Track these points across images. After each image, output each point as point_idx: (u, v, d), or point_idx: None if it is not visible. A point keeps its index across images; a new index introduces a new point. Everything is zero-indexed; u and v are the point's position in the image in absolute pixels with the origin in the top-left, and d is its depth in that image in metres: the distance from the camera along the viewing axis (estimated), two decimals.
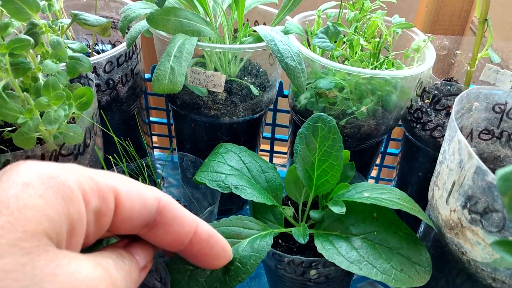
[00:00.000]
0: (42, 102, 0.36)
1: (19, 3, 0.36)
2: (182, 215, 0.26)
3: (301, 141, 0.41)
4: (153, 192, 0.25)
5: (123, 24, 0.48)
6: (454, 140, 0.36)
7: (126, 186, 0.24)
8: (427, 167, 0.51)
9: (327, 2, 0.55)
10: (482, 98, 0.43)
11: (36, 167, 0.21)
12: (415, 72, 0.44)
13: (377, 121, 0.49)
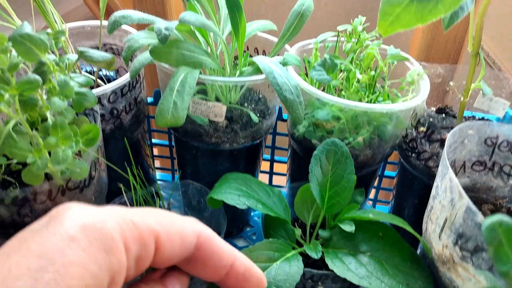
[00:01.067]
0: (50, 143, 0.37)
1: (29, 44, 0.38)
2: (221, 249, 0.26)
3: (316, 163, 0.45)
4: (192, 228, 0.26)
5: (126, 54, 0.50)
6: (446, 178, 0.37)
7: (166, 227, 0.24)
8: (423, 195, 0.52)
9: (324, 29, 0.57)
10: (474, 132, 0.44)
11: (81, 217, 0.22)
12: (409, 106, 0.45)
13: (373, 150, 0.50)
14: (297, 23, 0.54)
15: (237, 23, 0.48)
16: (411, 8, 0.31)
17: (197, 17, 0.46)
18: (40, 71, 0.40)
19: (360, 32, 0.51)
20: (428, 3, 0.31)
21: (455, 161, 0.45)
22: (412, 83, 0.49)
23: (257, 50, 0.61)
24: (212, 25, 0.48)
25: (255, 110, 0.54)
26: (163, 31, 0.43)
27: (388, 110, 0.45)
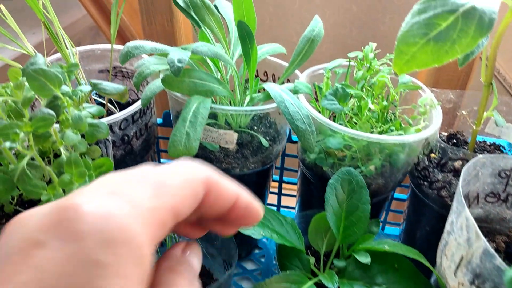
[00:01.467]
0: (65, 180, 0.37)
1: (43, 79, 0.38)
2: (227, 190, 0.25)
3: (331, 192, 0.45)
4: (201, 178, 0.24)
5: (137, 80, 0.50)
6: (462, 215, 0.37)
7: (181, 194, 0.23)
8: (435, 223, 0.52)
9: (328, 40, 0.57)
10: (488, 165, 0.44)
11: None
12: (422, 137, 0.45)
13: (385, 179, 0.50)
14: (307, 49, 0.54)
15: (249, 52, 0.48)
16: (428, 48, 0.30)
17: (209, 48, 0.46)
18: (53, 104, 0.40)
19: (371, 60, 0.51)
20: (444, 43, 0.30)
21: (468, 193, 0.45)
22: (424, 113, 0.48)
23: (267, 73, 0.61)
24: (223, 54, 0.47)
25: (265, 134, 0.54)
26: (176, 63, 0.43)
27: (401, 141, 0.45)
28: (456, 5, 0.30)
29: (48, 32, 0.49)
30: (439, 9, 0.30)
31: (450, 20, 0.29)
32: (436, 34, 0.29)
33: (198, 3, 0.51)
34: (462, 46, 0.30)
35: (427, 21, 0.30)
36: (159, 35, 0.69)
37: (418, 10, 0.31)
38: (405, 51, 0.31)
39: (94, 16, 0.90)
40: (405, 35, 0.31)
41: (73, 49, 0.55)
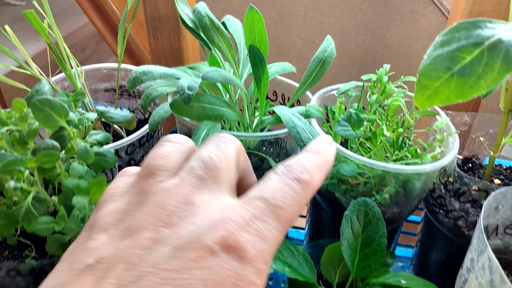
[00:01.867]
0: (74, 214, 0.35)
1: (48, 110, 0.36)
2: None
3: (347, 224, 0.44)
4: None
5: (145, 102, 0.48)
6: (484, 255, 0.36)
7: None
8: (450, 252, 0.50)
9: (338, 61, 0.55)
10: (509, 197, 0.42)
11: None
12: (439, 166, 0.44)
13: (400, 207, 0.48)
14: (318, 70, 0.53)
15: (260, 76, 0.47)
16: (451, 83, 0.28)
17: (220, 73, 0.44)
18: (59, 135, 0.39)
19: (386, 83, 0.49)
20: (469, 78, 0.28)
21: (488, 225, 0.44)
22: (442, 141, 0.47)
23: (276, 93, 0.60)
24: (234, 79, 0.46)
25: (275, 156, 0.53)
26: (186, 91, 0.41)
27: (419, 171, 0.43)
28: (481, 38, 0.28)
29: (54, 55, 0.48)
30: (463, 41, 0.28)
31: (475, 54, 0.28)
32: (460, 68, 0.28)
33: (208, 24, 0.49)
34: (488, 82, 0.28)
35: (450, 54, 0.28)
36: (166, 51, 0.68)
37: (441, 42, 0.30)
38: (428, 86, 0.29)
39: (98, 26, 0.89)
40: (428, 68, 0.29)
41: (78, 68, 0.54)
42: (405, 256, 0.68)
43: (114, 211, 0.25)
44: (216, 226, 0.22)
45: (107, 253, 0.22)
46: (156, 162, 0.27)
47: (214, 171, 0.25)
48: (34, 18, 0.45)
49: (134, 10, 0.51)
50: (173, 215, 0.23)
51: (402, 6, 1.37)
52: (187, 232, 0.22)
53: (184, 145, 0.29)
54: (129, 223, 0.24)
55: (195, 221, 0.22)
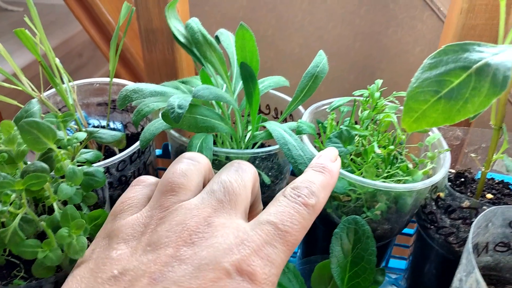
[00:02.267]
0: (63, 234, 0.35)
1: (36, 132, 0.36)
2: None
3: (336, 242, 0.44)
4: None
5: (136, 118, 0.48)
6: (472, 276, 0.36)
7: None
8: (442, 268, 0.50)
9: (331, 51, 0.54)
10: (499, 215, 0.42)
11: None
12: (431, 183, 0.44)
13: (392, 224, 0.48)
14: (310, 85, 0.52)
15: (251, 93, 0.47)
16: (438, 107, 0.28)
17: (211, 91, 0.44)
18: (47, 157, 0.39)
19: (377, 100, 0.49)
20: (456, 102, 0.28)
21: (478, 243, 0.44)
22: (433, 158, 0.47)
23: (269, 106, 0.60)
24: (225, 96, 0.46)
25: (267, 170, 0.53)
26: (176, 109, 0.41)
27: (410, 189, 0.43)
28: (469, 61, 0.28)
29: (45, 72, 0.48)
30: (451, 65, 0.29)
31: (462, 77, 0.28)
32: (447, 91, 0.28)
33: (200, 40, 0.49)
34: (475, 105, 0.28)
35: (438, 77, 0.29)
36: (160, 62, 0.68)
37: (429, 65, 0.30)
38: (415, 109, 0.29)
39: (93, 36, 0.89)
40: (415, 91, 0.29)
41: (70, 83, 0.54)
42: (399, 268, 0.68)
43: (135, 223, 0.27)
44: (232, 250, 0.24)
45: (131, 265, 0.24)
46: (177, 180, 0.28)
47: (233, 196, 0.27)
48: (25, 36, 0.45)
49: (126, 26, 0.52)
50: (193, 235, 0.24)
51: (399, 12, 1.37)
52: (206, 253, 0.23)
53: (201, 163, 0.31)
54: (151, 238, 0.25)
55: (214, 243, 0.24)
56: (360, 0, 1.37)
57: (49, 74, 0.49)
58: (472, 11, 0.55)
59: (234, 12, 1.42)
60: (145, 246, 0.25)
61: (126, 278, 0.23)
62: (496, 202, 0.49)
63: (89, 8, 0.86)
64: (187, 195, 0.28)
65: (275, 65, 1.48)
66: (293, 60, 1.50)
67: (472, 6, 0.54)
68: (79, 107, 0.53)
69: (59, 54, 1.52)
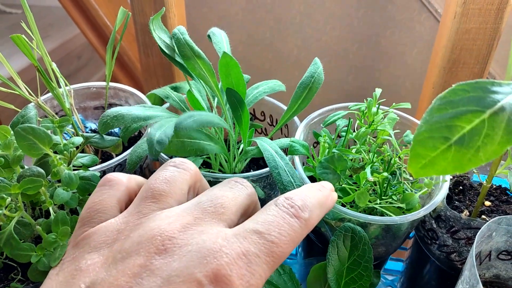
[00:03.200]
0: (49, 240, 0.35)
1: (32, 138, 0.37)
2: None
3: (333, 250, 0.43)
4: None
5: (124, 134, 0.47)
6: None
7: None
8: (439, 279, 0.50)
9: (330, 53, 0.53)
10: (504, 225, 0.42)
11: None
12: (429, 210, 0.42)
13: (387, 246, 0.48)
14: (305, 96, 0.50)
15: (240, 116, 0.45)
16: (448, 155, 0.26)
17: (195, 119, 0.40)
18: (43, 161, 0.39)
19: (375, 115, 0.48)
20: (467, 150, 0.26)
21: (480, 252, 0.43)
22: (429, 186, 0.45)
23: (264, 113, 0.59)
24: (212, 120, 0.43)
25: (261, 182, 0.50)
26: (154, 146, 0.38)
27: (406, 221, 0.42)
28: (482, 105, 0.25)
29: (41, 76, 0.48)
30: (463, 108, 0.26)
31: (474, 123, 0.25)
32: (458, 138, 0.25)
33: (188, 53, 0.46)
34: (487, 154, 0.25)
35: (448, 122, 0.26)
36: (156, 66, 0.68)
37: (438, 107, 0.27)
38: (423, 155, 0.26)
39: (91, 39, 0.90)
40: (423, 136, 0.26)
41: (67, 87, 0.54)
42: (395, 270, 0.68)
43: (108, 230, 0.25)
44: (208, 258, 0.22)
45: (99, 277, 0.22)
46: (159, 186, 0.27)
47: (219, 209, 0.26)
48: (21, 42, 0.46)
49: (123, 31, 0.52)
50: (167, 240, 0.23)
51: (397, 13, 1.37)
52: (178, 263, 0.22)
53: (187, 171, 0.29)
54: (123, 245, 0.24)
55: (188, 251, 0.22)
56: (358, 2, 1.38)
57: (46, 78, 0.49)
58: (466, 15, 0.56)
59: (232, 14, 1.42)
60: (116, 254, 0.23)
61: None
62: (495, 210, 0.48)
63: (86, 11, 0.87)
64: (169, 203, 0.26)
65: (273, 67, 1.49)
66: (291, 62, 1.50)
67: (466, 10, 0.55)
68: (75, 111, 0.53)
69: (58, 56, 1.52)
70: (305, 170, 0.47)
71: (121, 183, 0.29)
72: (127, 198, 0.30)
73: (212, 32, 0.53)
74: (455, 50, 0.59)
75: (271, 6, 1.40)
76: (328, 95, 1.48)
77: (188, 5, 1.31)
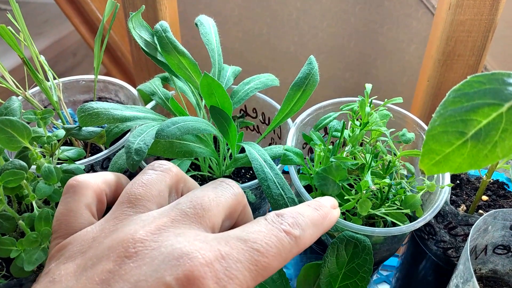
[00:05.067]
0: (30, 239, 0.34)
1: (11, 131, 0.35)
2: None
3: (332, 253, 0.41)
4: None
5: (108, 138, 0.44)
6: (469, 285, 0.35)
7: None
8: (434, 274, 0.49)
9: (326, 49, 0.50)
10: (499, 219, 0.41)
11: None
12: (424, 221, 0.40)
13: (390, 250, 0.47)
14: (298, 98, 0.47)
15: (227, 130, 0.42)
16: (464, 151, 0.24)
17: (179, 126, 0.38)
18: (23, 155, 0.38)
19: (368, 115, 0.45)
20: (484, 146, 0.24)
21: (476, 246, 0.42)
22: (432, 188, 0.43)
23: (256, 110, 0.57)
24: (198, 126, 0.40)
25: (252, 190, 0.46)
26: (132, 155, 0.35)
27: (414, 228, 0.40)
28: (499, 97, 0.23)
29: (28, 69, 0.47)
30: (479, 101, 0.24)
31: (492, 117, 0.23)
32: (474, 133, 0.24)
33: (171, 52, 0.44)
34: (505, 150, 0.24)
35: (464, 116, 0.24)
36: (148, 60, 0.67)
37: (453, 100, 0.25)
38: (436, 151, 0.25)
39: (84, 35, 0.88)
40: (437, 130, 0.25)
41: (55, 81, 0.53)
42: (390, 265, 0.67)
43: (84, 238, 0.24)
44: (180, 260, 0.21)
45: (68, 286, 0.21)
46: (135, 190, 0.26)
47: (200, 210, 0.24)
48: (6, 33, 0.45)
49: (111, 22, 0.51)
50: (138, 243, 0.22)
51: (394, 9, 1.37)
52: (147, 267, 0.21)
53: (167, 173, 0.28)
54: (96, 251, 0.23)
55: (160, 254, 0.21)
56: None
57: (32, 70, 0.48)
58: (460, 6, 0.55)
59: (228, 11, 1.42)
60: (88, 261, 0.22)
61: None
62: (492, 204, 0.47)
63: (79, 6, 0.85)
64: (146, 206, 0.25)
65: (269, 64, 1.48)
66: (288, 58, 1.50)
67: (460, 1, 0.54)
68: (64, 104, 0.52)
69: (53, 53, 1.51)
70: (300, 179, 0.44)
71: (85, 187, 0.28)
72: (95, 200, 0.28)
73: (199, 21, 0.49)
74: (450, 42, 0.58)
75: (267, 2, 1.39)
76: (325, 92, 1.47)
77: (184, 2, 1.30)
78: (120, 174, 0.31)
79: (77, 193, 0.27)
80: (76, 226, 0.26)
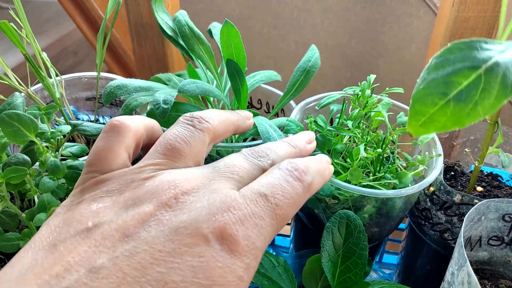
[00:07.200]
0: (40, 218, 0.34)
1: (17, 125, 0.35)
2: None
3: (327, 236, 0.43)
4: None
5: (124, 112, 0.47)
6: (463, 270, 0.35)
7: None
8: (436, 264, 0.50)
9: (327, 48, 0.52)
10: (492, 209, 0.41)
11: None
12: (419, 188, 0.42)
13: (380, 227, 0.47)
14: (302, 80, 0.52)
15: (239, 89, 0.46)
16: (447, 110, 0.26)
17: (198, 85, 0.43)
18: (29, 149, 0.38)
19: (368, 97, 0.48)
20: (466, 105, 0.26)
21: (471, 237, 0.43)
22: (422, 162, 0.45)
23: (261, 101, 0.59)
24: (213, 90, 0.45)
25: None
26: (161, 105, 0.40)
27: (396, 195, 0.42)
28: (477, 61, 0.26)
29: (31, 66, 0.47)
30: (459, 64, 0.26)
31: (471, 78, 0.26)
32: (456, 94, 0.26)
33: (188, 33, 0.48)
34: (485, 108, 0.26)
35: (446, 78, 0.26)
36: (150, 57, 0.67)
37: (435, 64, 0.27)
38: (422, 112, 0.26)
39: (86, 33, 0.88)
40: (422, 93, 0.26)
41: (58, 78, 0.53)
42: (392, 263, 0.67)
43: (122, 178, 0.25)
44: (216, 215, 0.23)
45: (107, 218, 0.22)
46: (178, 146, 0.27)
47: (236, 175, 0.26)
48: (8, 29, 0.44)
49: (114, 19, 0.51)
50: (180, 196, 0.23)
51: (395, 8, 1.36)
52: (187, 216, 0.22)
53: (208, 133, 0.29)
54: (135, 193, 0.24)
55: (198, 207, 0.23)
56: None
57: (35, 67, 0.48)
58: (464, 3, 0.55)
59: (230, 9, 1.41)
60: (128, 200, 0.23)
61: (99, 231, 0.22)
62: (487, 194, 0.48)
63: (81, 4, 0.85)
64: (186, 162, 0.27)
65: (270, 62, 1.48)
66: (289, 57, 1.50)
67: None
68: (66, 101, 0.52)
69: (55, 51, 1.51)
70: None
71: (128, 129, 0.28)
72: (134, 144, 0.29)
73: (213, 26, 0.54)
74: (454, 39, 0.57)
75: (268, 1, 1.39)
76: (326, 90, 1.47)
77: (185, 1, 1.30)
78: (154, 121, 0.32)
79: (120, 134, 0.28)
80: (114, 165, 0.27)
